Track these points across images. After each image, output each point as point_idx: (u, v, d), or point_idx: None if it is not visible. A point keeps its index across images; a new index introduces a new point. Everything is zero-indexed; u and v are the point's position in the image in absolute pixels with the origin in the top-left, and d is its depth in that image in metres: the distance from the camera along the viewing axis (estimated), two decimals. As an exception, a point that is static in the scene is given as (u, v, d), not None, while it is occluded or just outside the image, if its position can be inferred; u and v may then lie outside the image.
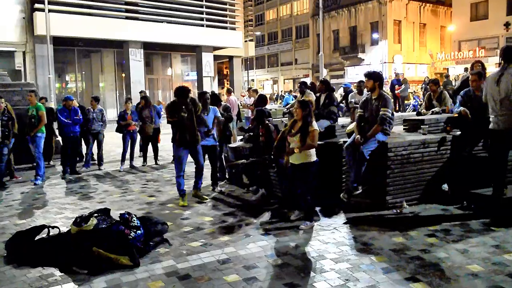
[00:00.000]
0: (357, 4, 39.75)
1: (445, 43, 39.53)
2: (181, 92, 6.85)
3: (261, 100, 8.60)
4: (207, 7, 26.15)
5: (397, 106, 18.40)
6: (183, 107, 6.69)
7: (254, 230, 5.46)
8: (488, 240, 4.79)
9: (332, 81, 36.13)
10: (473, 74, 6.57)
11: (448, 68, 33.15)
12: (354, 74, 37.34)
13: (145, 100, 10.83)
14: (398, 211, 5.94)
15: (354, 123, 6.54)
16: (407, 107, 19.80)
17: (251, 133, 7.68)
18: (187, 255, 4.66)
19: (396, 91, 18.93)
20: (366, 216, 5.84)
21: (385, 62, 37.24)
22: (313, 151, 5.54)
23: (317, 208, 6.23)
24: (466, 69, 16.92)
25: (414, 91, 23.45)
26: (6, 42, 20.44)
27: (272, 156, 6.82)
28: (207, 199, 7.06)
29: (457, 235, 4.98)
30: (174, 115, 6.71)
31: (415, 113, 9.67)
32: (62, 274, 4.28)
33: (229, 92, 13.58)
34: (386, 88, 17.97)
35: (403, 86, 19.00)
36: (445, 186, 6.35)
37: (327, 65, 37.33)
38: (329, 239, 5.02)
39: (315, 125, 5.53)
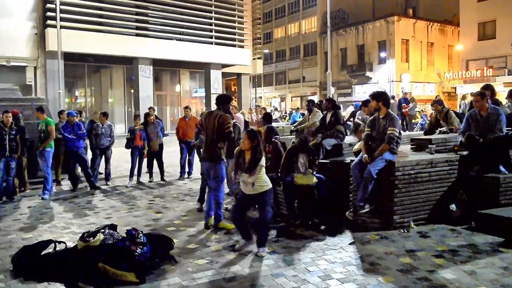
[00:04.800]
0: (365, 23, 40.11)
1: (453, 62, 39.60)
2: (227, 98, 6.71)
3: (268, 117, 8.66)
4: (216, 25, 26.46)
5: (405, 125, 18.38)
6: None
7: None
8: (497, 262, 4.75)
9: (340, 99, 36.33)
10: (475, 94, 6.55)
11: (456, 87, 33.15)
12: (361, 93, 37.46)
13: (146, 117, 10.74)
14: (406, 231, 5.91)
15: (361, 142, 6.54)
16: (415, 126, 19.79)
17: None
18: (193, 273, 4.65)
19: (403, 110, 18.95)
20: (373, 235, 5.81)
21: (392, 81, 37.33)
22: (266, 178, 5.37)
23: (323, 227, 6.22)
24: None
25: (422, 110, 23.44)
26: (18, 57, 20.78)
27: (279, 174, 6.84)
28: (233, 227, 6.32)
29: (465, 256, 4.94)
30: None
31: (422, 132, 9.67)
32: (68, 289, 4.28)
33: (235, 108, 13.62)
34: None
35: (411, 105, 19.01)
36: (453, 206, 6.30)
37: (335, 83, 37.46)
38: (336, 259, 4.99)
39: (263, 162, 5.31)
